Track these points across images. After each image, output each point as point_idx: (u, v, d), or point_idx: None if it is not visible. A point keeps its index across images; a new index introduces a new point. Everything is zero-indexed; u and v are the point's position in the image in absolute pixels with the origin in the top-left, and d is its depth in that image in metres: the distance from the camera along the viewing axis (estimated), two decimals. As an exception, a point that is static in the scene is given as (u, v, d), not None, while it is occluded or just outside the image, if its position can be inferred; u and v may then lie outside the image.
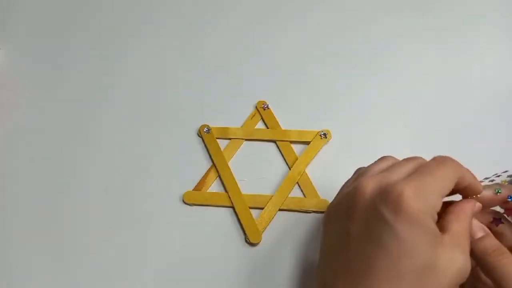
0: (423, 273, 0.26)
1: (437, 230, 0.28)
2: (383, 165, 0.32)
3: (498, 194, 0.33)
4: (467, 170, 0.31)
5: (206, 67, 0.52)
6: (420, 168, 0.30)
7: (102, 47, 0.55)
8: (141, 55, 0.54)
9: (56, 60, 0.54)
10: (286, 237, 0.41)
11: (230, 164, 0.46)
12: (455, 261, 0.28)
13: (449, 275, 0.27)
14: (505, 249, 0.31)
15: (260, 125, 0.48)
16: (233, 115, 0.49)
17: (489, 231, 0.32)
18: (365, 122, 0.47)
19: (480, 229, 0.32)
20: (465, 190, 0.32)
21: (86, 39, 0.56)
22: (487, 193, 0.33)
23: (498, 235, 0.33)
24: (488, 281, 0.32)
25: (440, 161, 0.30)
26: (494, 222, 0.34)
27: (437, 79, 0.49)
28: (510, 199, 0.33)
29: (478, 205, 0.32)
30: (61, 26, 0.57)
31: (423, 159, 0.32)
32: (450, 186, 0.29)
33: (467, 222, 0.30)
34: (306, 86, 0.50)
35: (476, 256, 0.32)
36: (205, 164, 0.46)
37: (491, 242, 0.31)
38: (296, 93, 0.50)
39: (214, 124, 0.48)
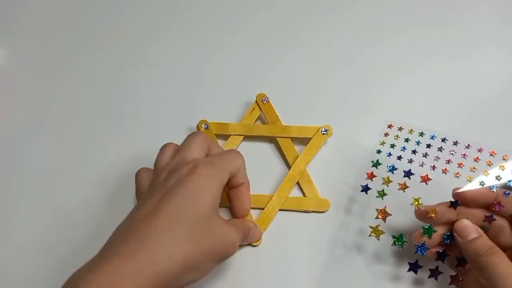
0: (201, 221, 0.32)
1: (218, 196, 0.34)
2: (168, 151, 0.37)
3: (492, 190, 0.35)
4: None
5: (203, 61, 0.51)
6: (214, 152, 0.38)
7: (102, 47, 0.54)
8: (138, 52, 0.53)
9: (57, 60, 0.54)
10: (286, 237, 0.42)
11: (229, 161, 0.45)
12: (226, 230, 0.34)
13: (222, 235, 0.33)
14: (497, 249, 0.32)
15: (259, 121, 0.47)
16: (232, 110, 0.48)
17: (482, 232, 0.33)
18: (365, 119, 0.46)
19: (473, 231, 0.33)
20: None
21: (87, 39, 0.55)
22: (474, 187, 0.35)
23: (498, 229, 0.34)
24: None
25: (229, 151, 0.39)
26: (487, 220, 0.34)
27: (439, 78, 0.48)
28: (493, 189, 0.35)
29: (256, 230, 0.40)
30: (62, 26, 0.56)
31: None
32: (234, 168, 0.37)
33: (243, 224, 0.38)
34: (307, 82, 0.49)
35: (469, 257, 0.33)
36: (204, 162, 0.46)
37: (484, 243, 0.32)
38: (297, 88, 0.49)
39: (212, 119, 0.47)
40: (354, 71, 0.49)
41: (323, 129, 0.45)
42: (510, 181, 0.36)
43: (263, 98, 0.47)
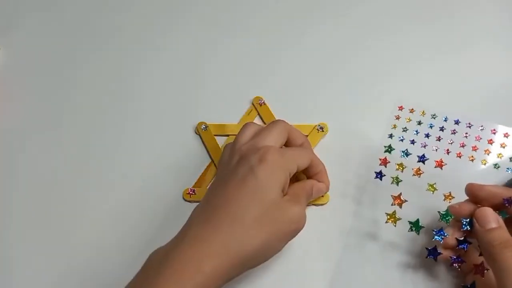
0: (270, 206, 0.34)
1: (286, 182, 0.35)
2: (248, 132, 0.38)
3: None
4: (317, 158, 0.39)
5: (202, 65, 0.52)
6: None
7: (102, 48, 0.55)
8: (138, 55, 0.54)
9: (57, 60, 0.54)
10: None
11: (229, 160, 0.46)
12: (291, 210, 0.35)
13: (289, 215, 0.35)
14: None
15: (257, 121, 0.48)
16: (230, 112, 0.48)
17: (503, 224, 0.32)
18: (361, 114, 0.47)
19: (494, 220, 0.32)
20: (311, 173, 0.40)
21: (87, 39, 0.56)
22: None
23: None
24: None
25: (301, 149, 0.39)
26: (506, 203, 0.33)
27: (433, 74, 0.50)
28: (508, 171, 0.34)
29: (319, 186, 0.40)
30: (62, 26, 0.57)
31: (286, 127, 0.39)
32: (303, 163, 0.38)
33: (304, 188, 0.38)
34: (301, 81, 0.50)
35: (483, 247, 0.32)
36: (204, 161, 0.46)
37: (501, 235, 0.32)
38: (291, 88, 0.50)
39: (211, 121, 0.48)
40: (349, 66, 0.51)
41: (319, 127, 0.46)
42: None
43: (260, 101, 0.49)
